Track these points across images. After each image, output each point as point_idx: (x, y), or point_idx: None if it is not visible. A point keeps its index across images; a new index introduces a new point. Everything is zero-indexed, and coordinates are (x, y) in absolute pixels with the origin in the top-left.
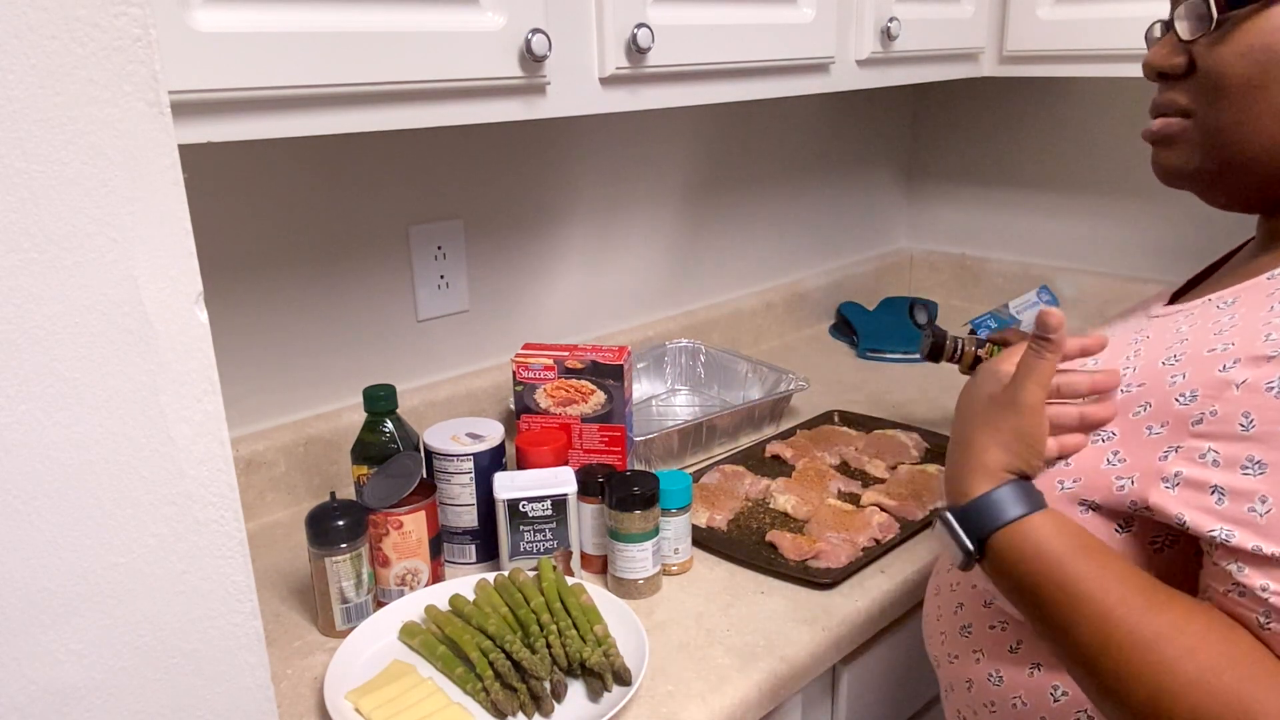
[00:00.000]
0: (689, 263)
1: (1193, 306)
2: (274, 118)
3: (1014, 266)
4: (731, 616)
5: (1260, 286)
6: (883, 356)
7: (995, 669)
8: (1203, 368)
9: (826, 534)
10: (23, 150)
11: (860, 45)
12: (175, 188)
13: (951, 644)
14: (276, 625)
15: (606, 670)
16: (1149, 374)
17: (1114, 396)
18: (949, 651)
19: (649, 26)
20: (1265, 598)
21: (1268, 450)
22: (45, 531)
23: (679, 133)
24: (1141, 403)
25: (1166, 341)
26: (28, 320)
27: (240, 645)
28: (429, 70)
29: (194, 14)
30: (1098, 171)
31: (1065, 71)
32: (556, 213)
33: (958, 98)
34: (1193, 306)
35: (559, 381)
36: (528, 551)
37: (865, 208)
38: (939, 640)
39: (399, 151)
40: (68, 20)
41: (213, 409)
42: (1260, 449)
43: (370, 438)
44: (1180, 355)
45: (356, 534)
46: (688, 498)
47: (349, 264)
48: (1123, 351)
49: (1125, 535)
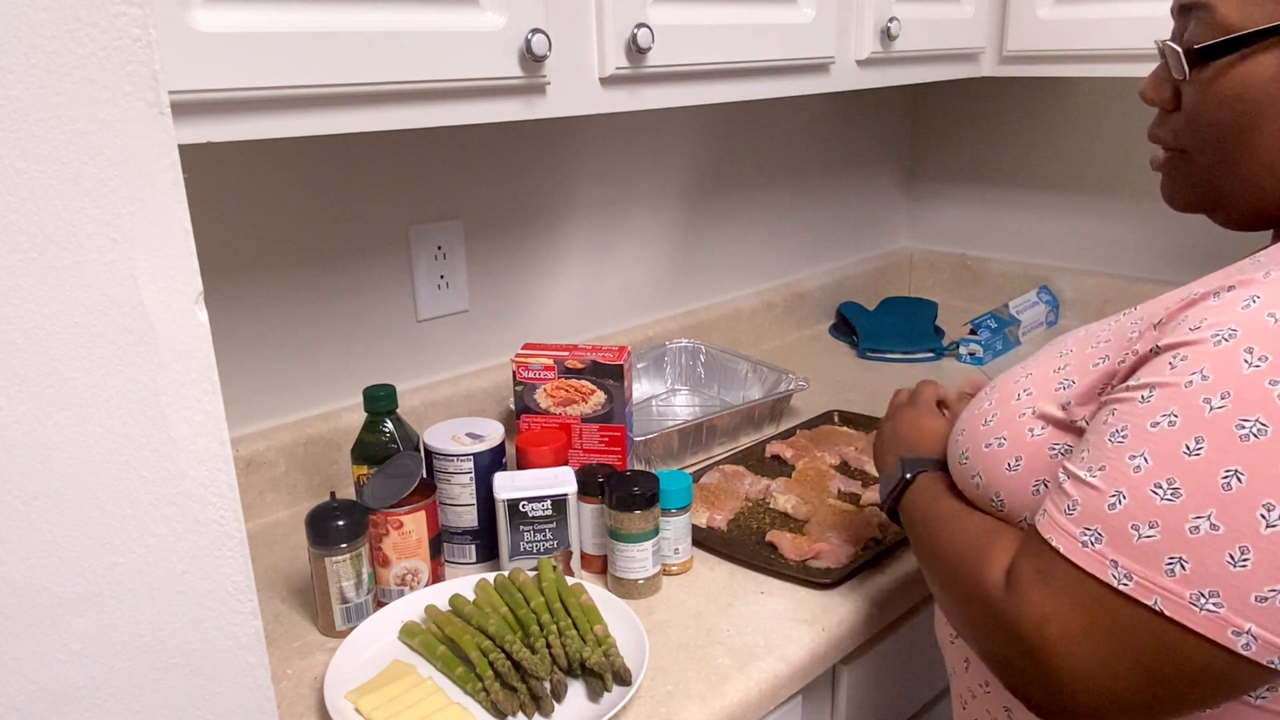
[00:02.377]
0: (689, 263)
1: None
2: (274, 118)
3: (1014, 266)
4: (731, 616)
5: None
6: (883, 356)
7: None
8: (1154, 308)
9: (826, 534)
10: (23, 150)
11: (860, 45)
12: (175, 188)
13: (964, 648)
14: (276, 625)
15: (606, 670)
16: (1117, 332)
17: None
18: (950, 632)
19: (649, 26)
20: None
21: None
22: (45, 531)
23: (679, 133)
24: (1103, 355)
25: (1145, 309)
26: (28, 320)
27: (240, 645)
28: (429, 70)
29: (194, 14)
30: (1098, 171)
31: (1065, 71)
32: (556, 213)
33: (958, 98)
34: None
35: (559, 381)
36: (528, 551)
37: (865, 208)
38: (944, 621)
39: (399, 151)
40: (68, 20)
41: (213, 409)
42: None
43: (370, 438)
44: (1146, 314)
45: (356, 534)
46: (688, 498)
47: (349, 264)
48: (1108, 322)
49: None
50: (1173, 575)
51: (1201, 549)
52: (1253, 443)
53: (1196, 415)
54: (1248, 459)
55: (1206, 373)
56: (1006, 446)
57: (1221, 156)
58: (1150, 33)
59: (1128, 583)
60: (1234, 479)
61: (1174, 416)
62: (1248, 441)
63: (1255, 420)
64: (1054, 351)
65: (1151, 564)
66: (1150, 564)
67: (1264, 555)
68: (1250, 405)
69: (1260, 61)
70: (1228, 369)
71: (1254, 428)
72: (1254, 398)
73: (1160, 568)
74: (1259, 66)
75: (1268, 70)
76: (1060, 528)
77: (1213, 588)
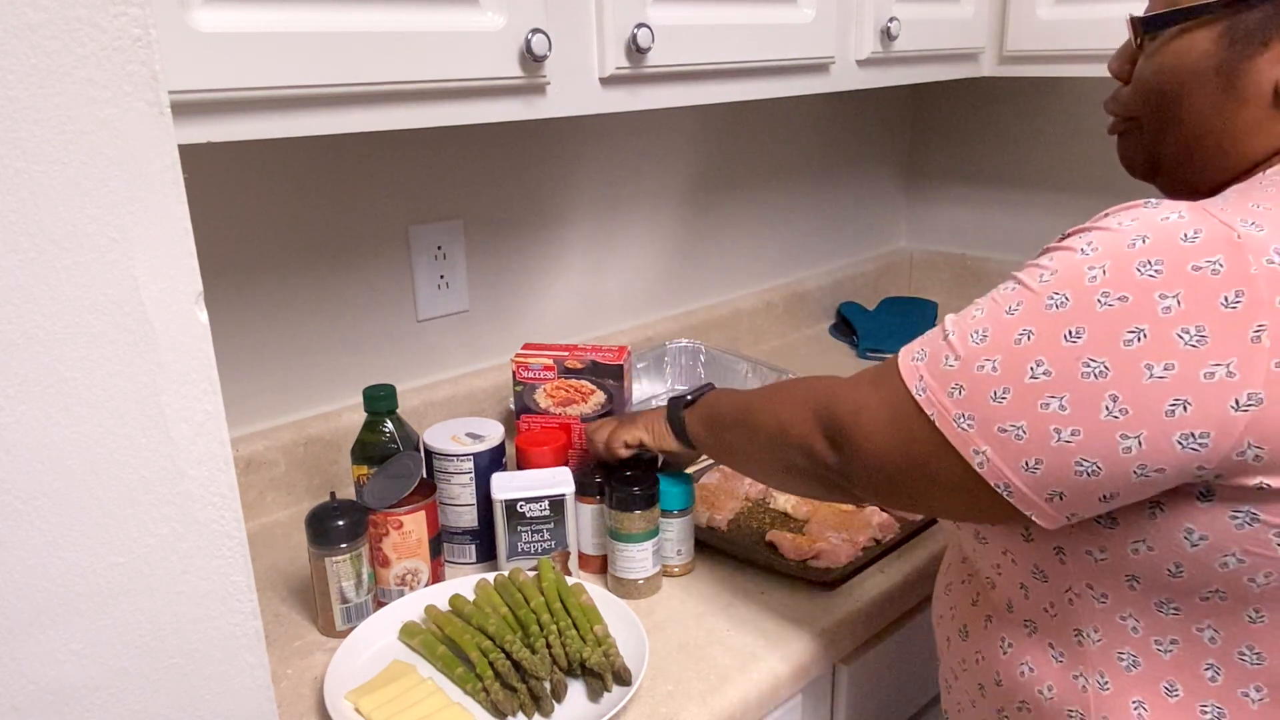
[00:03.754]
0: (689, 263)
1: None
2: (274, 118)
3: (1014, 266)
4: (731, 616)
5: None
6: (883, 356)
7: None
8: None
9: (826, 534)
10: (23, 150)
11: (860, 45)
12: (175, 188)
13: (945, 627)
14: (276, 625)
15: (606, 670)
16: None
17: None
18: (941, 610)
19: (649, 26)
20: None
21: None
22: (45, 531)
23: (679, 133)
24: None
25: None
26: (28, 320)
27: (240, 645)
28: (429, 70)
29: (194, 14)
30: (1097, 171)
31: (1065, 71)
32: (556, 213)
33: (958, 98)
34: None
35: (559, 381)
36: (525, 552)
37: (865, 208)
38: (939, 597)
39: (399, 151)
40: (68, 20)
41: (213, 409)
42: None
43: (370, 438)
44: None
45: (356, 534)
46: (690, 499)
47: (349, 264)
48: None
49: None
50: (951, 397)
51: (978, 382)
52: (1055, 313)
53: (1025, 293)
54: (1041, 323)
55: (1051, 265)
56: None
57: (1160, 125)
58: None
59: (922, 394)
60: (1025, 338)
61: (1013, 291)
62: (1050, 311)
63: (1062, 295)
64: None
65: (941, 385)
66: (941, 385)
67: (1017, 398)
68: (1064, 285)
69: (1197, 35)
70: (1066, 260)
71: (1059, 300)
72: (1071, 278)
73: (946, 389)
74: (1195, 40)
75: (1203, 44)
76: (908, 349)
77: (971, 412)
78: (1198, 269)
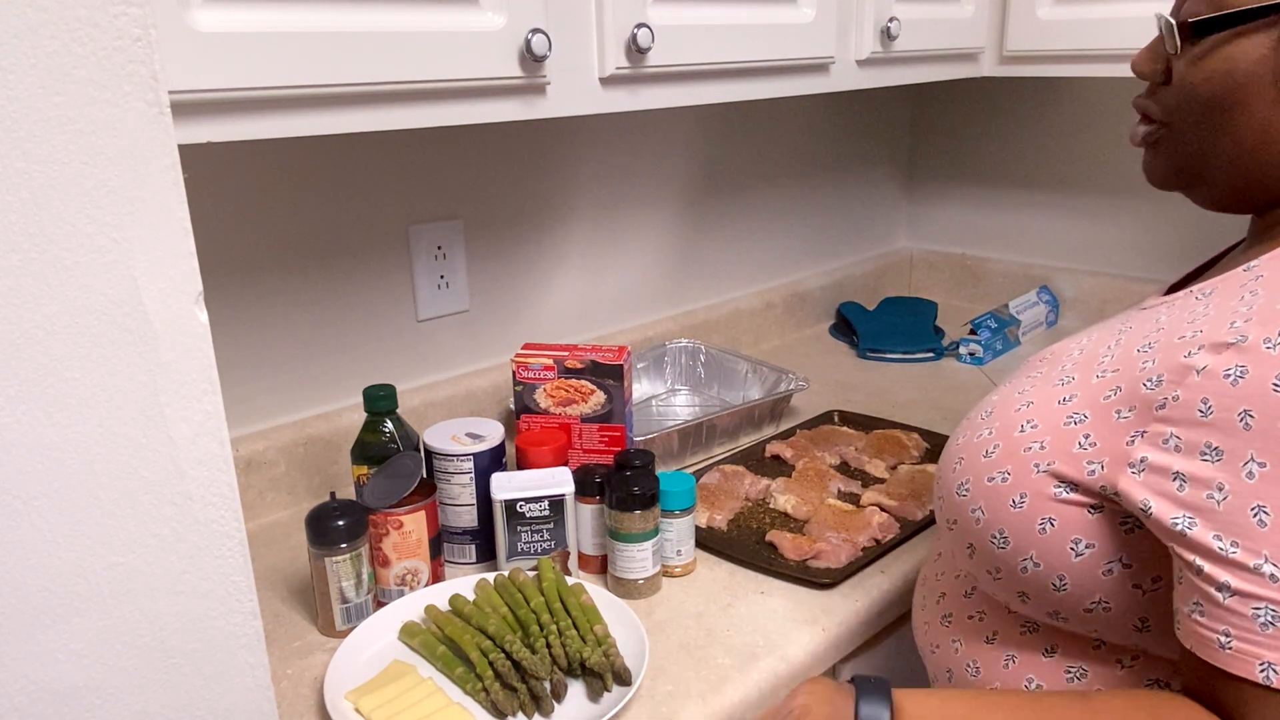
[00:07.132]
0: (689, 263)
1: (1175, 298)
2: (274, 118)
3: (1014, 266)
4: (731, 616)
5: (1236, 278)
6: (883, 356)
7: (973, 659)
8: (1170, 353)
9: (826, 534)
10: (23, 150)
11: (860, 45)
12: (175, 188)
13: (934, 634)
14: (276, 625)
15: (606, 670)
16: (1123, 360)
17: None
18: (932, 641)
19: (649, 26)
20: (1226, 603)
21: (1224, 437)
22: (45, 531)
23: (679, 133)
24: (1113, 387)
25: (1145, 331)
26: (28, 320)
27: (240, 645)
28: (429, 70)
29: (194, 14)
30: (1098, 171)
31: (1065, 71)
32: (556, 213)
33: (957, 98)
34: (1175, 298)
35: (559, 381)
36: (525, 552)
37: (865, 208)
38: (924, 630)
39: (399, 151)
40: (68, 20)
41: (213, 409)
42: (1217, 436)
43: (370, 438)
44: (1154, 343)
45: (356, 534)
46: (691, 499)
47: (349, 264)
48: (1105, 341)
49: (1096, 517)
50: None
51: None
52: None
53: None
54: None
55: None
56: (1010, 482)
57: (1205, 133)
58: (1150, 33)
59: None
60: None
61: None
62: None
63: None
64: (1052, 375)
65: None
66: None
67: None
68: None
69: (1251, 41)
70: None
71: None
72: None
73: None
74: (1249, 45)
75: (1257, 50)
76: (1243, 663)
77: None
78: None
